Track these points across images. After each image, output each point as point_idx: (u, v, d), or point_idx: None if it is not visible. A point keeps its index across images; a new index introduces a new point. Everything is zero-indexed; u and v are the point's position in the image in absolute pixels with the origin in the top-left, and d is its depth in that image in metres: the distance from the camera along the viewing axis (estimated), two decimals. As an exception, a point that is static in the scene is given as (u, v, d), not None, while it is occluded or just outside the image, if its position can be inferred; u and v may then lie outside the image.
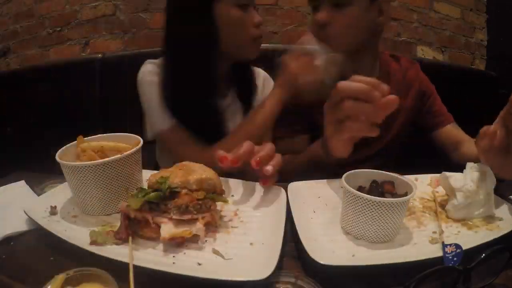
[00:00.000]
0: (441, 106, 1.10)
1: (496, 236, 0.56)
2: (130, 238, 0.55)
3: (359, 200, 0.56)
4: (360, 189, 0.62)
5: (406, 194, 0.58)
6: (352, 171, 0.63)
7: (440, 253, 0.51)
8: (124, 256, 0.50)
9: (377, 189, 0.62)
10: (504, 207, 0.66)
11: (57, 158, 0.62)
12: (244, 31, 0.95)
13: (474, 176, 0.64)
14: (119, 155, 0.62)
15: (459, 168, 0.81)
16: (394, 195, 0.60)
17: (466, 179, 0.64)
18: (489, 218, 0.63)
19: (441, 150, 1.08)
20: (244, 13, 0.94)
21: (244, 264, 0.51)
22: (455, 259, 0.50)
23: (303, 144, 0.98)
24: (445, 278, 0.45)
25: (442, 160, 1.05)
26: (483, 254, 0.46)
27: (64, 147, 0.67)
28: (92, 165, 0.60)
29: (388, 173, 0.64)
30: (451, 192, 0.66)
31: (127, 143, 0.69)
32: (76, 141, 0.68)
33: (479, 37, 2.08)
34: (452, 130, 1.08)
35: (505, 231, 0.58)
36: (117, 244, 0.54)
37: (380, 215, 0.55)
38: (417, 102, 1.08)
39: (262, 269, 0.48)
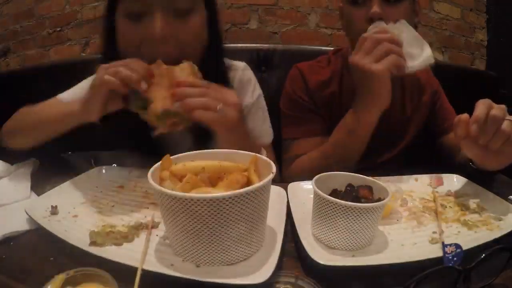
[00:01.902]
0: (451, 110, 1.09)
1: (496, 236, 0.56)
2: (146, 241, 0.54)
3: (328, 205, 0.53)
4: (335, 192, 0.60)
5: (379, 200, 0.55)
6: (326, 173, 0.61)
7: (440, 253, 0.51)
8: (123, 257, 0.49)
9: (351, 193, 0.59)
10: (504, 207, 0.66)
11: (169, 192, 0.47)
12: (132, 50, 0.72)
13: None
14: (265, 180, 0.49)
15: (458, 169, 0.81)
16: (369, 200, 0.57)
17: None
18: (489, 218, 0.63)
19: (448, 155, 1.02)
20: (133, 25, 0.71)
21: (244, 265, 0.51)
22: (455, 259, 0.50)
23: (318, 145, 0.96)
24: (445, 278, 0.45)
25: (442, 160, 1.05)
26: (483, 254, 0.46)
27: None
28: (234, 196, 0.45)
29: (366, 177, 0.61)
30: None
31: (230, 161, 0.57)
32: (159, 163, 0.54)
33: (479, 37, 2.07)
34: None
35: (505, 231, 0.58)
36: (116, 245, 0.54)
37: (349, 222, 0.52)
38: (432, 99, 1.08)
39: (262, 270, 0.48)
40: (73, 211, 0.64)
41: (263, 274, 0.46)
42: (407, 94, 1.06)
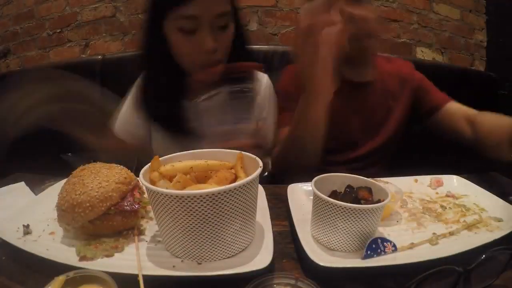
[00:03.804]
0: (436, 91, 1.09)
1: (496, 237, 0.56)
2: (138, 248, 0.53)
3: (327, 206, 0.53)
4: (334, 193, 0.60)
5: (379, 202, 0.55)
6: (325, 174, 0.61)
7: (440, 255, 0.51)
8: (118, 267, 0.48)
9: (351, 194, 0.59)
10: (504, 208, 0.66)
11: (167, 191, 0.47)
12: (187, 57, 0.89)
13: None
14: (257, 172, 0.51)
15: (457, 169, 0.81)
16: (369, 202, 0.56)
17: None
18: (489, 219, 0.63)
19: (453, 136, 1.01)
20: (188, 38, 0.85)
21: (243, 256, 0.52)
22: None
23: None
24: (445, 279, 0.45)
25: (442, 161, 1.05)
26: (483, 255, 0.46)
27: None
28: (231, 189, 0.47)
29: (365, 178, 0.61)
30: None
31: (216, 159, 0.59)
32: (148, 165, 0.55)
33: (478, 38, 2.08)
34: (453, 106, 1.03)
35: (505, 232, 0.58)
36: (107, 256, 0.52)
37: (348, 223, 0.52)
38: (412, 99, 1.08)
39: (263, 256, 0.50)
40: (47, 228, 0.59)
41: (265, 258, 0.49)
42: (386, 82, 1.07)
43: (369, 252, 0.52)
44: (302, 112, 0.82)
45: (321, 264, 0.48)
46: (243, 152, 0.59)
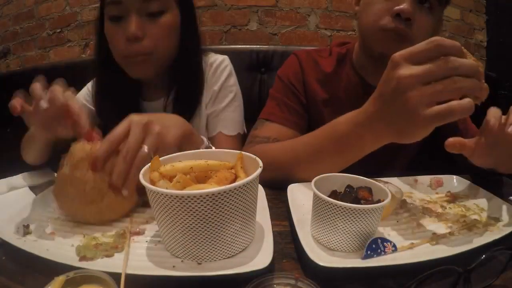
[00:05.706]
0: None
1: (496, 237, 0.56)
2: (128, 245, 0.54)
3: (327, 206, 0.53)
4: (334, 193, 0.60)
5: (379, 202, 0.55)
6: (325, 174, 0.61)
7: (440, 255, 0.51)
8: (118, 267, 0.48)
9: (351, 194, 0.58)
10: (504, 208, 0.66)
11: (167, 191, 0.47)
12: (115, 47, 0.87)
13: None
14: (257, 172, 0.51)
15: (457, 169, 0.81)
16: (369, 202, 0.56)
17: None
18: (489, 219, 0.63)
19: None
20: (116, 26, 0.84)
21: (243, 256, 0.52)
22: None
23: (288, 137, 0.88)
24: (445, 279, 0.45)
25: (442, 161, 1.05)
26: (483, 256, 0.46)
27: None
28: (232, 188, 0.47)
29: (365, 178, 0.60)
30: None
31: (216, 159, 0.58)
32: (148, 165, 0.55)
33: (478, 38, 2.08)
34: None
35: (505, 232, 0.58)
36: (107, 256, 0.52)
37: (348, 223, 0.52)
38: None
39: (263, 256, 0.50)
40: (48, 228, 0.60)
41: (265, 258, 0.49)
42: None
43: (369, 252, 0.52)
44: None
45: (321, 264, 0.48)
46: (243, 152, 0.59)
